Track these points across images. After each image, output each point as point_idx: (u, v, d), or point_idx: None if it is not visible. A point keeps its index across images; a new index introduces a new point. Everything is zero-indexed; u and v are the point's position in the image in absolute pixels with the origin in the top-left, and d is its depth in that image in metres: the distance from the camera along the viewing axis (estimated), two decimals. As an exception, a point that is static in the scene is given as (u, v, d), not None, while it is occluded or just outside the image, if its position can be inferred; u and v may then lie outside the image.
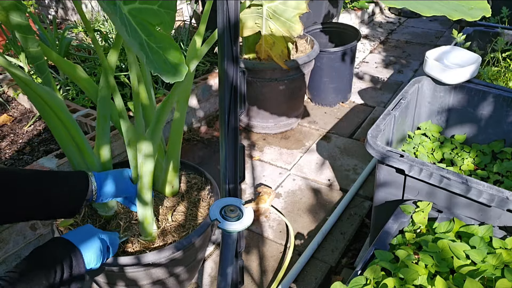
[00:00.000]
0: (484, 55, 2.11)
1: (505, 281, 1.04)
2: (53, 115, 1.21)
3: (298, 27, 1.89)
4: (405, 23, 4.52)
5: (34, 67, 1.18)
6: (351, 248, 1.84)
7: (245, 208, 1.05)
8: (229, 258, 1.11)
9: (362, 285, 1.07)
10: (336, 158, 2.38)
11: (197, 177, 1.62)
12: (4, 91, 2.33)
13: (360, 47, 3.84)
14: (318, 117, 2.79)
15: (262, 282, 1.68)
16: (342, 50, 2.66)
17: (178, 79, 0.85)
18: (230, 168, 1.16)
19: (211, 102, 2.65)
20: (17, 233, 1.62)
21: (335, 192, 2.15)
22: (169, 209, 1.47)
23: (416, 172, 1.31)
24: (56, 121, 1.23)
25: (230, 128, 1.09)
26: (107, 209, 1.40)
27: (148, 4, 0.87)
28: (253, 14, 2.00)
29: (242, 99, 1.09)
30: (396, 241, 1.24)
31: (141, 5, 0.87)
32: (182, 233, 1.38)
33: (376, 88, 3.17)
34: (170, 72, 0.84)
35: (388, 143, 1.63)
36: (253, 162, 2.37)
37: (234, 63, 1.00)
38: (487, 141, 1.76)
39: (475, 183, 1.22)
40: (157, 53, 0.85)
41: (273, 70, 2.29)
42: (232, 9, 0.92)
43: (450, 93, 1.77)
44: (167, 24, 0.90)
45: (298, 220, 1.97)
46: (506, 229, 1.25)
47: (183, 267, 1.41)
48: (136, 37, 0.84)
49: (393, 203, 1.46)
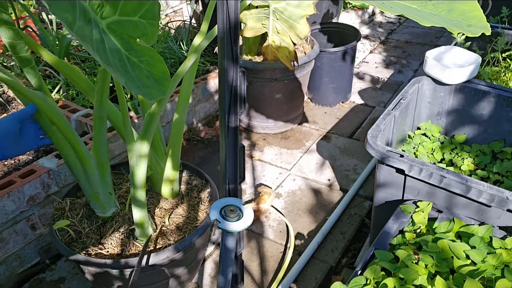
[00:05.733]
0: (484, 55, 2.11)
1: (505, 281, 1.04)
2: (46, 118, 1.20)
3: (305, 28, 1.88)
4: (405, 23, 4.52)
5: (25, 71, 1.14)
6: (351, 248, 1.84)
7: (245, 208, 1.05)
8: (229, 258, 1.11)
9: (362, 285, 1.07)
10: (336, 158, 2.38)
11: (198, 179, 1.61)
12: (4, 91, 2.33)
13: (360, 47, 3.84)
14: (318, 117, 2.79)
15: (262, 282, 1.68)
16: (342, 50, 2.66)
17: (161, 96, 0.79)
18: (230, 168, 1.16)
19: (211, 102, 2.65)
20: (17, 233, 1.62)
21: (335, 192, 2.15)
22: (168, 211, 1.47)
23: (416, 172, 1.31)
24: (49, 124, 1.21)
25: (230, 128, 1.09)
26: (104, 210, 1.40)
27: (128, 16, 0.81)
28: (260, 15, 2.00)
29: (242, 99, 1.08)
30: (396, 241, 1.24)
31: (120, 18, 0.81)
32: (180, 236, 1.38)
33: (376, 88, 3.17)
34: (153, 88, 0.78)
35: (388, 143, 1.63)
36: (253, 162, 2.37)
37: (234, 63, 1.00)
38: (487, 141, 1.76)
39: (475, 183, 1.22)
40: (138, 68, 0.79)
41: (273, 70, 2.29)
42: (232, 9, 0.92)
43: (450, 93, 1.77)
44: (150, 35, 0.84)
45: (298, 220, 1.97)
46: (506, 229, 1.25)
47: (182, 268, 1.40)
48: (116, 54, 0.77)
49: (393, 203, 1.46)
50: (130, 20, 0.82)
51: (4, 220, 1.57)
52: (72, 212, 1.42)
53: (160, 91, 0.80)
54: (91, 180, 1.34)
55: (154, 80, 0.80)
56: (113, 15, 0.80)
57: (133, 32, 0.82)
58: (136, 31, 0.82)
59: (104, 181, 1.37)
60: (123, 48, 0.79)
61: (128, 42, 0.81)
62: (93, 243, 1.33)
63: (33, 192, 1.63)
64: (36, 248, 1.71)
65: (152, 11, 0.83)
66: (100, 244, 1.33)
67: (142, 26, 0.83)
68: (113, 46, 0.78)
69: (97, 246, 1.32)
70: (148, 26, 0.83)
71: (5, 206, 1.55)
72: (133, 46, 0.81)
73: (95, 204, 1.38)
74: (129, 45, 0.81)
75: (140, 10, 0.82)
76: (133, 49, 0.81)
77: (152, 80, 0.80)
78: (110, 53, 0.76)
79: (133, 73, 0.78)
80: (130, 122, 1.22)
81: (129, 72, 0.77)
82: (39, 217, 1.69)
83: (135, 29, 0.82)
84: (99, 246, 1.32)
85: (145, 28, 0.83)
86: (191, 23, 3.13)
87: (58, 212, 1.42)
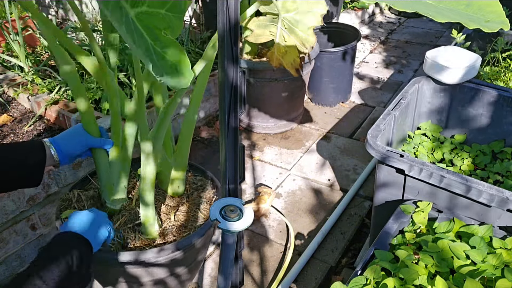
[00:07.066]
0: (484, 55, 2.11)
1: (505, 281, 1.04)
2: None
3: (312, 39, 1.91)
4: (405, 23, 4.52)
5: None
6: (351, 248, 1.84)
7: (245, 208, 1.05)
8: (229, 258, 1.11)
9: (362, 285, 1.07)
10: (336, 158, 2.38)
11: (203, 179, 1.62)
12: (4, 91, 2.33)
13: (360, 47, 3.84)
14: (318, 117, 2.79)
15: (262, 282, 1.68)
16: (342, 50, 2.66)
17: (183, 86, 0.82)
18: (230, 168, 1.16)
19: (211, 102, 2.65)
20: (17, 233, 1.62)
21: (335, 192, 2.15)
22: (173, 208, 1.48)
23: (416, 172, 1.31)
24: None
25: (230, 128, 1.09)
26: (115, 203, 1.39)
27: (156, 8, 0.85)
28: (268, 22, 2.04)
29: (242, 99, 1.09)
30: (396, 241, 1.24)
31: (149, 9, 0.85)
32: (184, 234, 1.38)
33: (376, 88, 3.17)
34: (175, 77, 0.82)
35: (388, 143, 1.63)
36: (253, 162, 2.37)
37: (234, 63, 1.00)
38: (487, 141, 1.76)
39: (475, 183, 1.22)
40: (163, 58, 0.83)
41: (273, 70, 2.29)
42: (232, 9, 0.92)
43: (450, 93, 1.77)
44: (175, 28, 0.88)
45: (298, 220, 1.97)
46: (506, 229, 1.25)
47: (183, 267, 1.41)
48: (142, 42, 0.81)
49: (393, 203, 1.46)
50: (158, 12, 0.86)
51: (4, 220, 1.57)
52: (78, 203, 1.42)
53: (183, 82, 0.83)
54: (112, 170, 1.34)
55: (177, 71, 0.84)
56: (142, 6, 0.84)
57: (160, 24, 0.86)
58: (163, 23, 0.86)
59: (123, 173, 1.36)
60: (150, 38, 0.83)
61: (154, 33, 0.85)
62: None
63: (33, 192, 1.63)
64: (36, 248, 1.71)
65: (178, 5, 0.87)
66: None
67: (168, 19, 0.87)
68: (140, 35, 0.82)
69: None
70: (174, 19, 0.87)
71: (5, 206, 1.55)
72: (159, 37, 0.85)
73: (108, 196, 1.37)
74: (155, 36, 0.84)
75: (168, 3, 0.87)
76: (158, 40, 0.84)
77: (175, 70, 0.84)
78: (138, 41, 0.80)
79: (157, 62, 0.81)
80: (145, 118, 1.23)
81: (154, 61, 0.81)
82: (39, 217, 1.69)
83: (162, 21, 0.86)
84: None
85: (171, 21, 0.87)
86: (191, 23, 3.13)
87: (65, 203, 1.42)
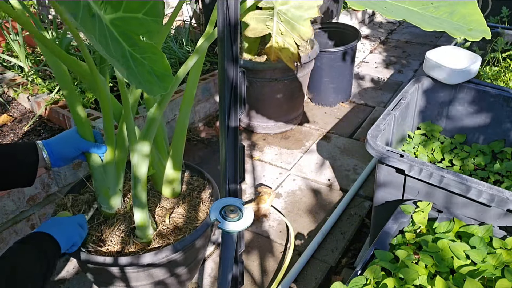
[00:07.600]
0: (484, 55, 2.10)
1: (505, 281, 1.04)
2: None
3: (309, 31, 1.90)
4: (405, 23, 4.52)
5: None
6: (351, 248, 1.84)
7: (245, 208, 1.05)
8: (229, 258, 1.11)
9: (362, 285, 1.07)
10: (336, 158, 2.38)
11: (200, 179, 1.61)
12: (4, 91, 2.33)
13: (360, 47, 3.84)
14: (318, 117, 2.79)
15: (262, 282, 1.68)
16: (342, 50, 2.66)
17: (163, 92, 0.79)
18: (230, 168, 1.16)
19: (211, 102, 2.65)
20: (17, 233, 1.62)
21: (335, 192, 2.15)
22: (168, 210, 1.47)
23: (416, 172, 1.31)
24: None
25: (230, 128, 1.09)
26: (110, 207, 1.39)
27: (132, 12, 0.81)
28: (264, 16, 2.02)
29: (242, 99, 1.08)
30: (396, 241, 1.24)
31: (124, 14, 0.80)
32: (179, 236, 1.38)
33: (376, 88, 3.17)
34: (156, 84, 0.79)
35: (388, 143, 1.63)
36: (253, 162, 2.37)
37: (234, 63, 1.00)
38: (487, 141, 1.76)
39: (475, 183, 1.22)
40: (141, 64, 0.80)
41: (273, 70, 2.29)
42: (232, 9, 0.92)
43: (450, 93, 1.77)
44: (153, 32, 0.84)
45: (298, 220, 1.97)
46: (506, 229, 1.25)
47: (182, 268, 1.40)
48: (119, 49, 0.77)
49: (393, 203, 1.46)
50: (134, 17, 0.82)
51: (4, 220, 1.57)
52: (74, 208, 1.42)
53: (162, 87, 0.80)
54: (107, 174, 1.34)
55: (157, 77, 0.80)
56: (117, 12, 0.80)
57: (137, 29, 0.82)
58: (140, 28, 0.83)
59: (118, 177, 1.36)
60: (127, 44, 0.80)
61: (132, 38, 0.81)
62: (93, 240, 1.33)
63: (33, 192, 1.63)
64: (36, 248, 1.71)
65: (156, 9, 0.83)
66: (101, 241, 1.33)
67: (146, 23, 0.83)
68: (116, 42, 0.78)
69: (97, 243, 1.32)
70: (152, 23, 0.84)
71: (5, 206, 1.55)
72: (137, 42, 0.81)
73: (103, 199, 1.37)
74: (133, 41, 0.81)
75: (145, 7, 0.82)
76: (136, 46, 0.81)
77: (154, 76, 0.80)
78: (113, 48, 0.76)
79: (135, 69, 0.78)
80: (133, 120, 1.23)
81: (131, 68, 0.77)
82: (39, 217, 1.69)
83: (139, 26, 0.83)
84: (99, 243, 1.32)
85: (149, 25, 0.83)
86: (191, 23, 3.13)
87: (60, 208, 1.42)
